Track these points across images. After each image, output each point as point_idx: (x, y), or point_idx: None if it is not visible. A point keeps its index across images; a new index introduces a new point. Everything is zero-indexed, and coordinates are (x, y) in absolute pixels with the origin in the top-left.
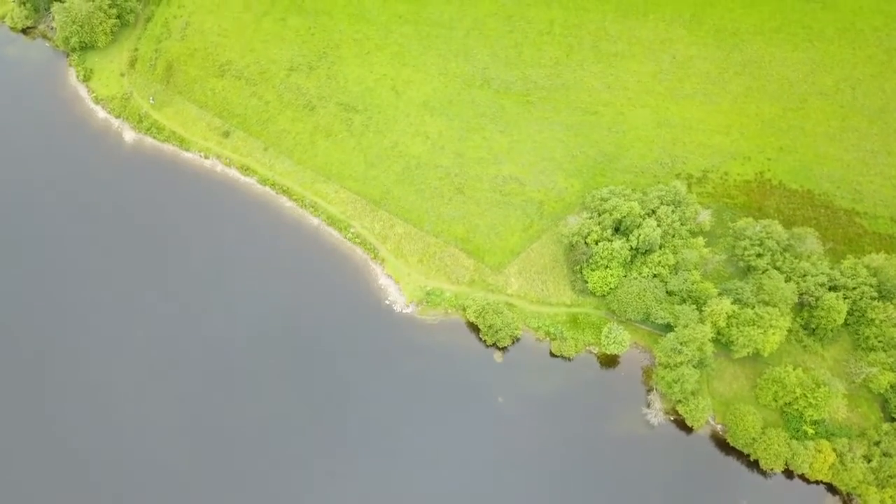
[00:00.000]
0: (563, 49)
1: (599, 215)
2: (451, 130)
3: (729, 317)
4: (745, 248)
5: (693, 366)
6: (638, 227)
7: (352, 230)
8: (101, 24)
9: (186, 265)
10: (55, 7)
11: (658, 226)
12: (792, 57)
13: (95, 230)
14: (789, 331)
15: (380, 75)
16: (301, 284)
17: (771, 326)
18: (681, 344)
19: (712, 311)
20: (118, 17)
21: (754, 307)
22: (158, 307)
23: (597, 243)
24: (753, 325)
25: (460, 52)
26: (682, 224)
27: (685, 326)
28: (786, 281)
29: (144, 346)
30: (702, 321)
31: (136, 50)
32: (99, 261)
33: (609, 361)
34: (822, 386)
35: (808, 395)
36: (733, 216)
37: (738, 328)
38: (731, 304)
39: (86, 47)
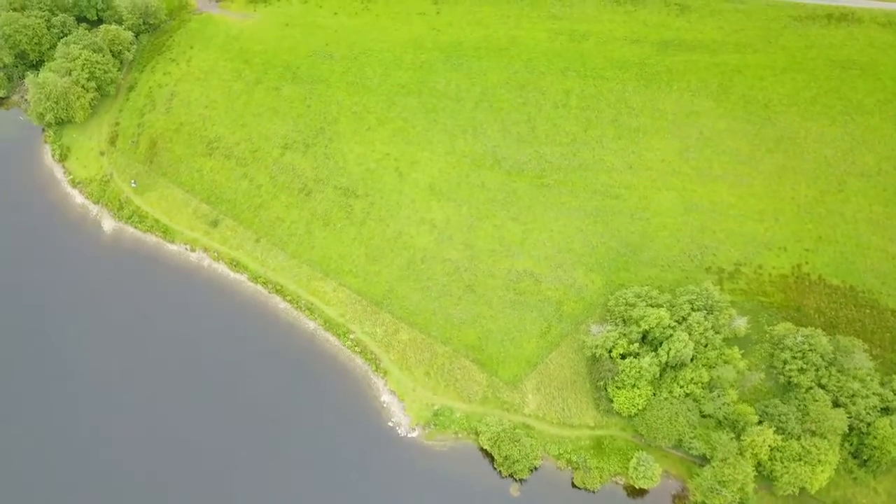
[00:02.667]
0: (580, 124)
1: (625, 323)
2: (460, 218)
3: (772, 449)
4: (785, 362)
5: None
6: (668, 339)
7: (351, 336)
8: (78, 98)
9: (168, 373)
10: (29, 79)
11: (689, 336)
12: (829, 132)
13: (69, 333)
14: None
15: (382, 154)
16: (294, 401)
17: (819, 462)
18: (719, 483)
19: (753, 441)
20: (97, 89)
21: (800, 438)
22: (135, 417)
23: (623, 357)
24: (800, 460)
25: (468, 128)
26: (715, 332)
27: (723, 460)
28: (833, 404)
29: (118, 459)
30: (741, 452)
31: (118, 124)
32: (74, 366)
33: (637, 493)
34: None
35: None
36: (770, 318)
37: (782, 463)
38: (774, 432)
39: (62, 122)
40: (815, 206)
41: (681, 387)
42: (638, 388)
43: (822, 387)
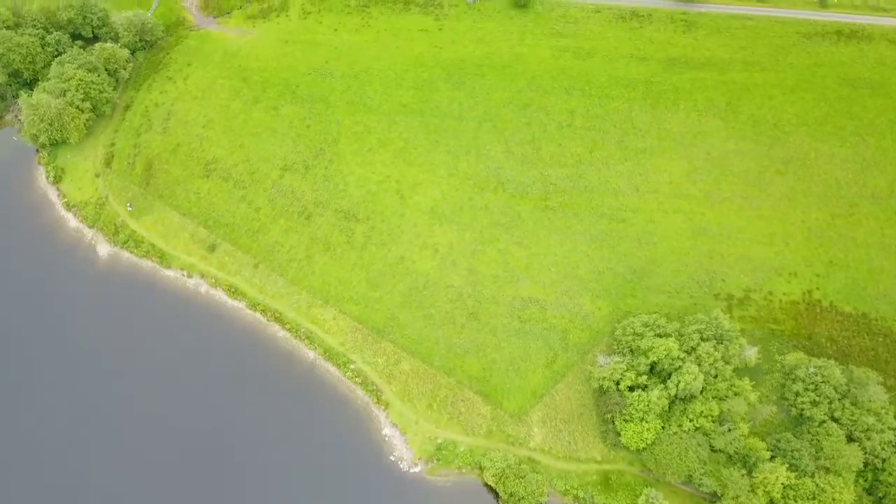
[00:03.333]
0: (585, 144)
1: (632, 353)
2: (463, 242)
3: (785, 487)
4: (797, 394)
5: None
6: (677, 370)
7: (352, 367)
8: (73, 120)
9: (163, 404)
10: (22, 99)
11: (699, 366)
12: (840, 153)
13: (63, 362)
14: None
15: (383, 176)
16: (293, 434)
17: (834, 501)
18: None
19: (765, 479)
20: (93, 109)
21: (813, 475)
22: (128, 448)
23: (631, 390)
24: (814, 499)
25: (472, 149)
26: (725, 363)
27: (735, 498)
28: (847, 438)
29: (111, 489)
30: (753, 490)
31: (113, 145)
32: (67, 395)
33: None
34: None
35: None
36: (781, 347)
37: (795, 502)
38: (787, 469)
39: (57, 143)
40: (826, 230)
41: (690, 420)
42: (646, 421)
43: (836, 420)
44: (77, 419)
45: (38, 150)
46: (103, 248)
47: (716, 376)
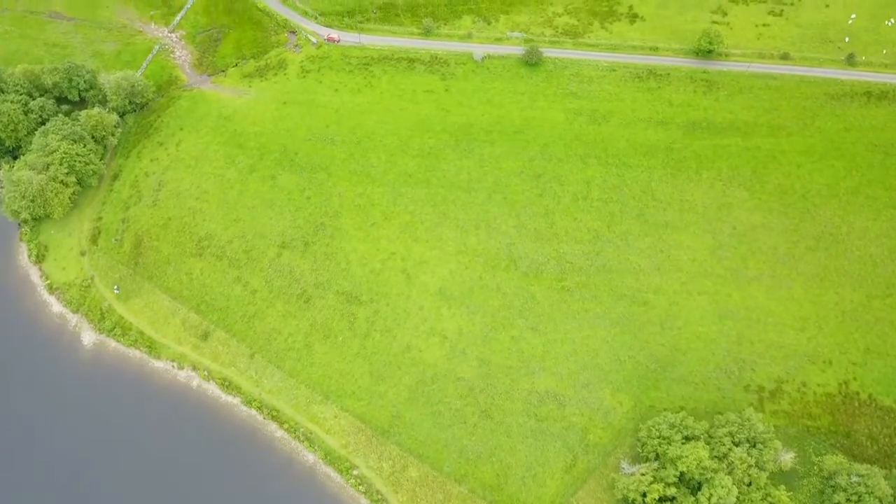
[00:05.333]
0: (602, 218)
1: (658, 458)
2: (473, 328)
3: None
4: None
5: None
6: (708, 481)
7: (355, 473)
8: (56, 195)
9: None
10: (3, 173)
11: (731, 474)
12: (874, 227)
13: (42, 466)
14: None
15: (388, 254)
16: None
17: None
18: None
19: None
20: (78, 182)
21: None
22: None
23: (659, 502)
24: None
25: (481, 223)
26: (760, 469)
27: None
28: None
29: None
30: None
31: (100, 219)
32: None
33: None
34: None
35: None
36: (817, 446)
37: None
38: None
39: (39, 218)
40: (862, 313)
41: None
42: None
43: None
44: None
45: (19, 226)
46: (88, 337)
47: (749, 484)
